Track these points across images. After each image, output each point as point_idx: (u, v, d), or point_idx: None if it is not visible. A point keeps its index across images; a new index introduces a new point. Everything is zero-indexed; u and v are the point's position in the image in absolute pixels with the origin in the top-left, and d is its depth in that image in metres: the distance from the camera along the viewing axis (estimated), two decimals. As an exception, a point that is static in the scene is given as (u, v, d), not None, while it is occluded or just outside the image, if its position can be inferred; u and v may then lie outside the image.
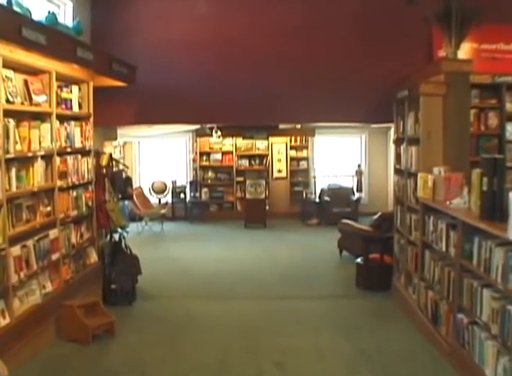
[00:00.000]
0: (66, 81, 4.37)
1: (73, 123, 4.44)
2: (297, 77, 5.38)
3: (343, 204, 9.73)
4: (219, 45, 5.35)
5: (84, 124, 4.66)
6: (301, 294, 5.32)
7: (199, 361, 3.66)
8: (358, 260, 5.60)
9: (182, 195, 10.22)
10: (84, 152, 4.67)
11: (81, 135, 4.61)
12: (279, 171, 10.55)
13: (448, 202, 3.60)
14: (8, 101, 3.45)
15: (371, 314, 4.65)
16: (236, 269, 6.33)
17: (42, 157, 3.89)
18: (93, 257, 4.88)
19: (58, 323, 3.99)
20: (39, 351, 3.71)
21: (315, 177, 10.59)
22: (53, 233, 4.03)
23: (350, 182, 10.55)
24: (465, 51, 4.73)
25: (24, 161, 3.69)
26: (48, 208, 4.02)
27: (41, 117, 3.93)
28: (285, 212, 10.30)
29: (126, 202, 8.68)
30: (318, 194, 10.24)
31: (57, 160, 4.11)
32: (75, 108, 4.51)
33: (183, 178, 10.52)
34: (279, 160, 10.53)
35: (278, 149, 10.53)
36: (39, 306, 3.79)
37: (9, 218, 3.46)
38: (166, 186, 10.17)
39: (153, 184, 10.18)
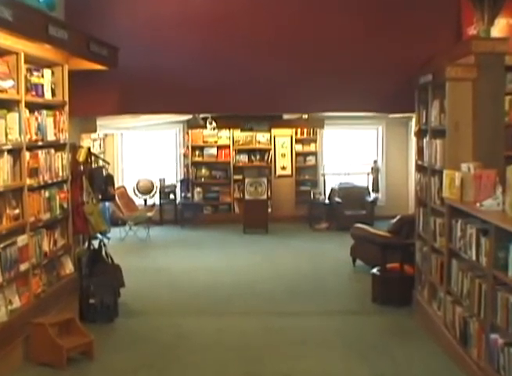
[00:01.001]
0: (36, 64, 4.35)
1: (45, 112, 4.42)
2: (304, 61, 5.35)
3: (356, 205, 9.71)
4: (215, 23, 5.31)
5: (58, 113, 4.64)
6: (308, 309, 5.31)
7: (190, 388, 3.67)
8: (375, 270, 5.60)
9: (171, 196, 10.21)
10: (58, 146, 4.65)
11: (55, 127, 4.59)
12: (283, 168, 10.53)
13: (478, 204, 3.58)
14: (-33, 87, 3.44)
15: (390, 333, 4.64)
16: (234, 281, 6.32)
17: (9, 151, 3.86)
18: (68, 267, 4.85)
19: (27, 345, 3.97)
20: (5, 377, 3.69)
21: (324, 175, 10.57)
22: (22, 240, 4.01)
23: (364, 181, 10.52)
24: (499, 28, 4.69)
25: (-12, 157, 3.67)
26: (16, 211, 3.99)
27: (8, 105, 3.90)
28: (290, 215, 10.28)
29: (107, 204, 8.65)
30: (327, 195, 10.22)
31: (26, 155, 4.08)
32: (47, 95, 4.49)
33: (173, 176, 10.49)
34: (283, 156, 10.52)
35: (282, 142, 10.51)
36: (4, 325, 3.75)
37: (-30, 222, 3.44)
38: (153, 186, 10.14)
39: (138, 183, 10.16)
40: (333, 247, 8.11)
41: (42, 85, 4.39)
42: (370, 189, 10.32)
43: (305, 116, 9.84)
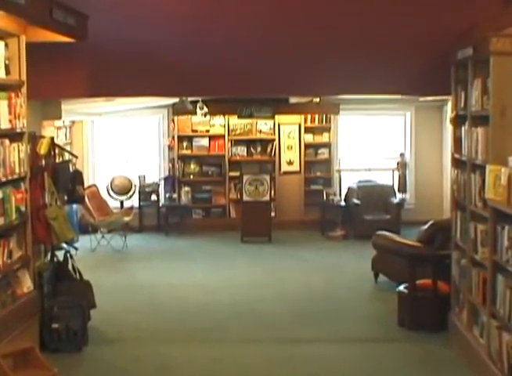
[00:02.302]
0: (-14, 35, 4.31)
1: (-3, 94, 4.39)
2: (315, 33, 5.32)
3: (379, 208, 9.72)
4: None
5: (13, 96, 4.60)
6: (320, 336, 5.31)
7: None
8: (401, 288, 5.59)
9: (153, 196, 10.22)
10: (13, 135, 4.61)
11: (10, 112, 4.55)
12: (290, 162, 10.53)
13: (530, 206, 3.55)
14: None
15: (420, 364, 4.63)
16: (230, 301, 6.32)
17: (-47, 142, 3.84)
18: (27, 284, 4.81)
19: (-24, 379, 3.93)
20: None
21: (339, 171, 10.56)
22: (-31, 251, 3.98)
23: (389, 179, 10.54)
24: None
25: None
26: (-37, 215, 3.96)
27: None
28: (298, 221, 10.29)
29: (74, 206, 8.68)
30: (344, 195, 10.22)
31: (-25, 146, 4.06)
32: (0, 73, 4.46)
33: (155, 172, 10.50)
34: (290, 148, 10.52)
35: (288, 132, 10.51)
36: (-51, 354, 3.72)
37: None
38: (131, 184, 10.15)
39: (112, 181, 10.17)
40: (350, 260, 8.12)
41: (-6, 61, 4.36)
42: (396, 188, 10.32)
43: (317, 99, 9.81)
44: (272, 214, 9.85)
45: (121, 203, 10.05)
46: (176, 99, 9.38)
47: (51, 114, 6.05)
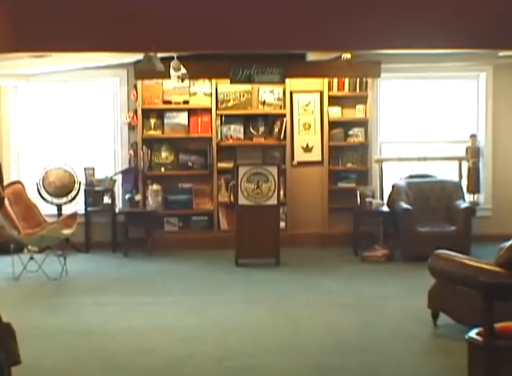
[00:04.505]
0: None
1: None
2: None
3: (439, 216, 9.80)
4: None
5: None
6: (353, 405, 5.31)
7: None
8: (473, 334, 5.55)
9: (105, 199, 10.29)
10: None
11: None
12: (308, 149, 10.60)
13: None
14: None
15: None
16: (219, 355, 6.28)
17: None
18: None
19: None
20: None
21: (381, 161, 10.64)
22: None
23: (454, 172, 10.62)
24: None
25: None
26: None
27: None
28: (319, 234, 10.41)
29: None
30: (387, 197, 10.28)
31: None
32: None
33: (109, 163, 10.63)
34: (307, 127, 10.59)
35: (305, 103, 10.57)
36: None
37: None
38: (73, 181, 10.21)
39: (46, 176, 10.19)
40: (396, 292, 8.12)
41: None
42: (464, 187, 10.40)
43: (348, 55, 9.97)
44: (282, 224, 9.91)
45: (59, 208, 10.12)
46: (139, 56, 9.29)
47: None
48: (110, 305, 7.81)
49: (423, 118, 10.82)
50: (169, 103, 10.50)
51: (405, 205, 9.75)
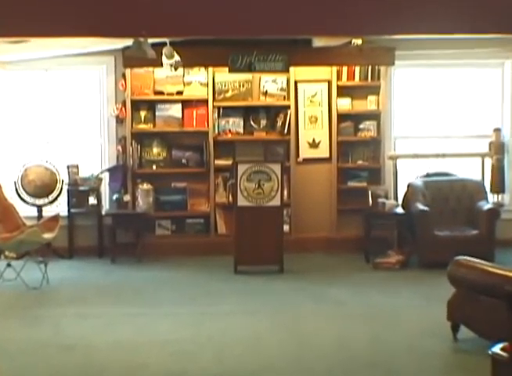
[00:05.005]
0: None
1: None
2: None
3: (460, 219, 9.82)
4: None
5: None
6: None
7: None
8: (497, 349, 5.51)
9: (91, 199, 10.27)
10: None
11: None
12: (314, 144, 10.61)
13: None
14: None
15: None
16: (217, 372, 6.26)
17: None
18: None
19: None
20: None
21: (395, 158, 10.63)
22: None
23: (476, 170, 10.61)
24: None
25: None
26: None
27: None
28: (327, 239, 10.44)
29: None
30: (402, 197, 10.30)
31: None
32: None
33: (94, 160, 10.61)
34: (314, 121, 10.62)
35: (311, 94, 10.59)
36: None
37: None
38: (55, 180, 10.19)
39: (25, 175, 10.19)
40: (412, 303, 8.12)
41: None
42: (487, 186, 10.40)
43: (359, 41, 9.97)
44: (285, 228, 9.91)
45: (39, 210, 10.10)
46: (128, 42, 9.12)
47: None
48: (96, 316, 7.78)
49: (442, 111, 10.79)
50: (161, 93, 10.46)
51: (421, 206, 9.73)
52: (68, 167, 10.30)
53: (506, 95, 10.72)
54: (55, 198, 10.20)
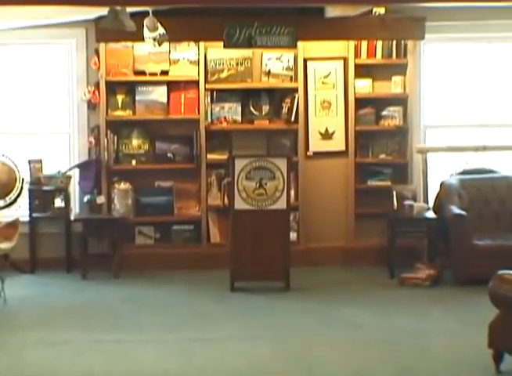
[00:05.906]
0: None
1: None
2: None
3: (503, 224, 9.99)
4: None
5: None
6: None
7: None
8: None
9: (57, 201, 10.33)
10: None
11: None
12: (327, 135, 10.71)
13: None
14: None
15: None
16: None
17: None
18: None
19: None
20: None
21: (424, 151, 10.68)
22: None
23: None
24: None
25: None
26: None
27: None
28: (343, 249, 10.55)
29: None
30: (434, 199, 10.37)
31: None
32: None
33: (62, 155, 10.70)
34: (326, 106, 10.73)
35: (323, 74, 10.67)
36: None
37: None
38: (15, 178, 10.32)
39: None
40: (446, 326, 8.16)
41: None
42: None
43: (380, 10, 10.10)
44: (293, 236, 10.04)
45: (-6, 214, 10.09)
46: (104, 11, 9.16)
47: None
48: (63, 343, 7.77)
49: (482, 94, 10.80)
50: (142, 73, 10.46)
51: (457, 210, 9.73)
52: (29, 162, 10.33)
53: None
54: (14, 200, 10.27)
